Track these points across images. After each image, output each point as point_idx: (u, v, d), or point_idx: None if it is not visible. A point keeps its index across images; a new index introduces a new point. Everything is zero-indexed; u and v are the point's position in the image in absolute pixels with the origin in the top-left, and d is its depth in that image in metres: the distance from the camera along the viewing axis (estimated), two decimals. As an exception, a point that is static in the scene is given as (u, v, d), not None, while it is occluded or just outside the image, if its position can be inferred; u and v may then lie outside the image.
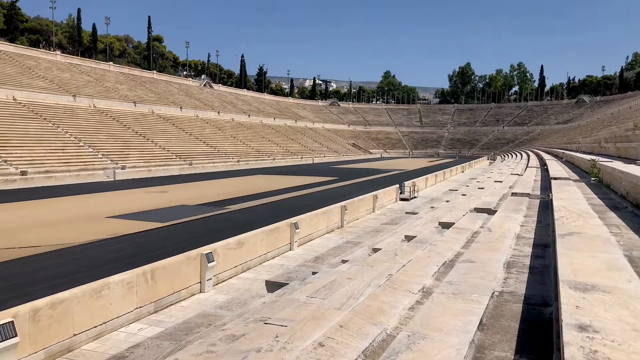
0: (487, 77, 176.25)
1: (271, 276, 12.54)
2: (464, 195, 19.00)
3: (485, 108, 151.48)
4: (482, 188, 19.87)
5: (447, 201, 18.64)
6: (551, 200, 9.31)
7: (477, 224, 9.41)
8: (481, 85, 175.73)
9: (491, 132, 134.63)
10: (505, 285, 4.61)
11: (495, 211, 10.42)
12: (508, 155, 78.68)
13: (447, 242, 7.67)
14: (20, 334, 7.86)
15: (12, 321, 7.77)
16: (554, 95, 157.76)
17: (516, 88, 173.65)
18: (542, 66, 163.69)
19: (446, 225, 10.53)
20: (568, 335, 2.49)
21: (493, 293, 4.24)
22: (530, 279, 4.79)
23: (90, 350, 9.16)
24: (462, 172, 60.16)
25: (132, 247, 17.05)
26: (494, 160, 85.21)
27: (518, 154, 67.01)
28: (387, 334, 3.80)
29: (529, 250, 6.22)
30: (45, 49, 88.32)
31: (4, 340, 7.54)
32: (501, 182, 21.37)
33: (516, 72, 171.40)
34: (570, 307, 2.86)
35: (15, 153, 41.70)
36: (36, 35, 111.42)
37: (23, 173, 38.51)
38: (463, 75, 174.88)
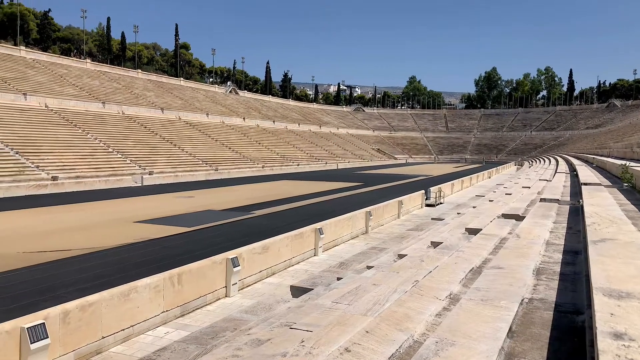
0: (514, 81, 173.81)
1: (296, 281, 12.54)
2: (491, 201, 18.74)
3: (512, 113, 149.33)
4: (510, 194, 19.56)
5: (474, 207, 18.41)
6: (582, 206, 9.11)
7: (505, 230, 9.25)
8: (508, 90, 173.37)
9: (518, 137, 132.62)
10: (535, 292, 4.52)
11: (524, 217, 10.23)
12: (536, 161, 77.34)
13: (474, 248, 7.56)
14: (51, 335, 8.01)
15: (44, 323, 7.92)
16: (584, 99, 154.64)
17: (544, 92, 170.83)
18: (571, 70, 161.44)
19: (473, 232, 10.38)
20: (603, 343, 2.42)
21: (522, 300, 4.15)
22: (561, 286, 4.68)
23: (118, 353, 9.28)
24: (489, 177, 59.36)
25: (159, 252, 17.27)
26: (522, 165, 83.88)
27: (546, 160, 65.81)
28: (414, 340, 3.75)
29: (559, 256, 6.08)
30: (76, 57, 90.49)
31: (36, 342, 7.69)
32: (529, 187, 21.00)
33: (544, 76, 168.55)
34: (605, 314, 2.78)
35: (47, 159, 42.74)
36: (67, 44, 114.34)
37: (54, 178, 39.42)
38: (489, 80, 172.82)
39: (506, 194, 20.05)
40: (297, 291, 10.62)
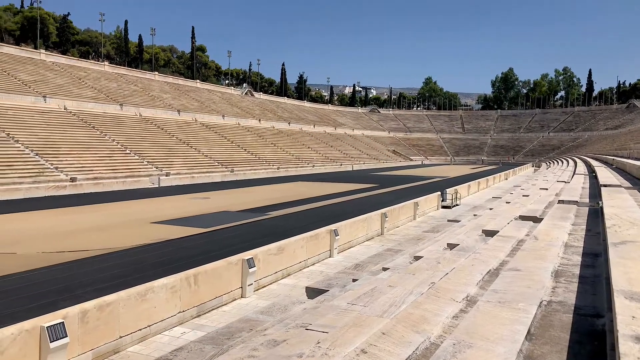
0: (531, 82, 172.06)
1: (311, 282, 12.54)
2: (508, 202, 18.54)
3: (530, 114, 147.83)
4: (527, 195, 19.33)
5: (491, 209, 18.23)
6: (601, 208, 8.97)
7: (523, 232, 9.14)
8: (525, 91, 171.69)
9: (536, 139, 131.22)
10: (553, 294, 4.45)
11: (541, 219, 10.11)
12: (554, 162, 76.46)
13: (491, 250, 7.48)
14: (70, 334, 8.11)
15: (63, 322, 8.03)
16: (603, 100, 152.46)
17: (562, 93, 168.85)
18: (589, 70, 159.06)
19: (490, 233, 10.28)
20: (625, 346, 2.38)
21: (541, 302, 4.10)
22: (580, 289, 4.61)
23: (135, 353, 9.36)
24: (506, 179, 58.82)
25: (175, 252, 17.41)
26: (539, 167, 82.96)
27: (564, 161, 65.01)
28: (431, 342, 3.72)
29: (578, 259, 5.99)
30: (95, 60, 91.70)
31: (56, 341, 7.80)
32: (547, 189, 20.75)
33: (562, 76, 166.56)
34: (626, 317, 2.73)
35: (66, 160, 43.35)
36: (86, 47, 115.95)
37: (73, 179, 39.97)
38: (506, 81, 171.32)
39: (523, 195, 19.82)
40: (313, 292, 10.62)
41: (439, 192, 32.63)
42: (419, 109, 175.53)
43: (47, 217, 25.67)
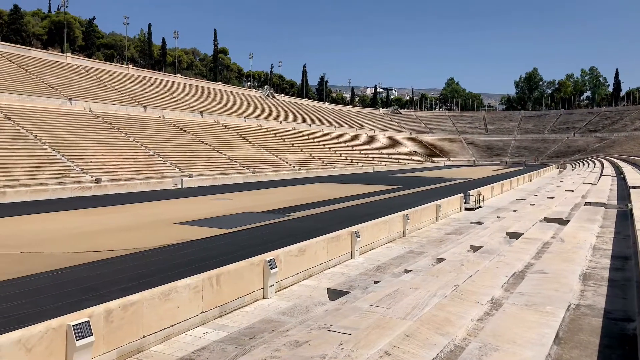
0: (556, 82, 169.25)
1: (333, 284, 12.51)
2: (533, 204, 18.25)
3: (554, 114, 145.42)
4: (552, 197, 19.01)
5: (515, 211, 17.97)
6: (631, 210, 8.76)
7: (548, 234, 8.98)
8: (549, 91, 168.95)
9: (561, 140, 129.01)
10: (582, 298, 4.36)
11: (568, 221, 9.92)
12: (579, 164, 75.05)
13: (516, 252, 7.37)
14: (95, 333, 8.21)
15: (88, 321, 8.13)
16: (631, 100, 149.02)
17: (588, 93, 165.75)
18: (617, 70, 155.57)
19: (514, 236, 10.13)
20: (658, 352, 2.30)
21: (569, 306, 4.01)
22: (609, 292, 4.50)
23: (159, 352, 9.44)
24: (530, 181, 57.92)
25: (198, 253, 17.55)
26: (564, 168, 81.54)
27: (590, 162, 63.77)
28: (455, 344, 3.67)
29: (607, 262, 5.85)
30: (119, 63, 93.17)
31: (81, 339, 7.90)
32: (572, 191, 20.38)
33: (588, 76, 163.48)
34: (659, 322, 2.66)
35: (91, 162, 44.09)
36: (111, 50, 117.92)
37: (97, 181, 40.64)
38: (530, 81, 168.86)
39: (548, 197, 19.50)
40: (334, 294, 10.59)
41: (462, 194, 32.28)
42: (441, 110, 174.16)
43: (72, 218, 26.13)
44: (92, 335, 8.11)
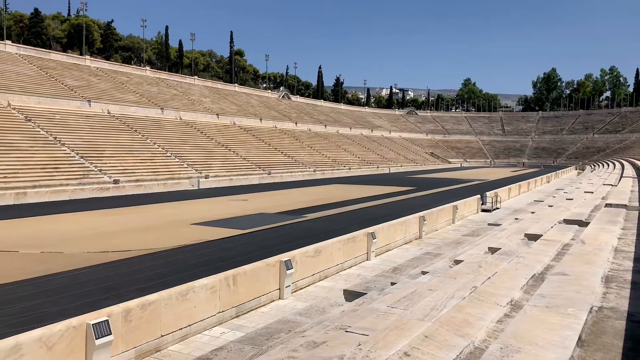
0: (575, 82, 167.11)
1: (349, 285, 12.50)
2: (551, 206, 18.03)
3: (573, 115, 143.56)
4: (571, 199, 18.77)
5: (533, 212, 17.77)
6: (652, 211, 8.61)
7: (568, 236, 8.86)
8: (568, 92, 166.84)
9: (579, 141, 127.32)
10: (604, 300, 4.29)
11: (588, 223, 9.78)
12: (598, 165, 73.98)
13: (535, 254, 7.28)
14: (113, 332, 8.30)
15: (107, 320, 8.23)
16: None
17: (608, 94, 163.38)
18: (637, 70, 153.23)
19: (533, 237, 10.01)
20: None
21: (591, 308, 3.95)
22: (633, 295, 4.42)
23: (176, 352, 9.51)
24: (548, 182, 57.26)
25: (215, 253, 17.65)
26: (583, 170, 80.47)
27: (610, 164, 62.81)
28: (475, 346, 3.64)
29: (629, 264, 5.76)
30: (136, 65, 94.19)
31: (101, 338, 8.00)
32: (592, 192, 20.09)
33: (607, 76, 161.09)
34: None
35: (109, 163, 44.61)
36: (128, 52, 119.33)
37: (116, 182, 41.10)
38: (548, 82, 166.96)
39: (567, 199, 19.25)
40: (351, 295, 10.58)
41: (479, 196, 32.02)
42: (457, 110, 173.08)
43: (91, 218, 26.46)
44: (111, 334, 8.20)
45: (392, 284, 9.88)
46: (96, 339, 7.94)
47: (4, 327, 9.95)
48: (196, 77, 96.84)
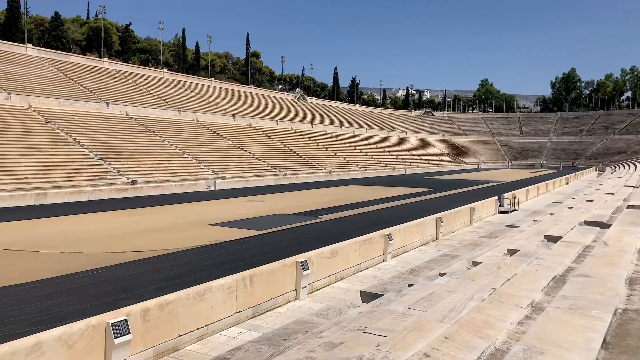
0: (595, 82, 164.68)
1: (365, 287, 12.44)
2: (571, 207, 17.78)
3: (593, 116, 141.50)
4: (591, 200, 18.49)
5: (552, 214, 17.54)
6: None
7: (589, 238, 8.72)
8: (587, 92, 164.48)
9: (599, 142, 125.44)
10: (629, 302, 4.20)
11: (610, 225, 9.62)
12: (619, 166, 72.82)
13: (555, 256, 7.18)
14: (132, 331, 8.37)
15: (126, 319, 8.30)
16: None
17: (629, 94, 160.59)
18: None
19: (553, 239, 9.87)
20: None
21: (616, 310, 3.87)
22: (658, 297, 4.33)
23: (194, 351, 9.56)
24: (567, 183, 56.52)
25: (231, 253, 17.72)
26: (603, 171, 79.30)
27: (631, 165, 61.79)
28: (496, 348, 3.59)
29: (653, 266, 5.65)
30: (154, 67, 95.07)
31: (120, 337, 8.07)
32: (613, 194, 19.77)
33: (629, 76, 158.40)
34: None
35: (127, 164, 45.10)
36: (146, 54, 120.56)
37: (134, 182, 41.53)
38: (567, 82, 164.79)
39: (587, 200, 18.97)
40: (367, 296, 10.52)
41: (496, 197, 31.72)
42: (474, 111, 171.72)
43: (110, 219, 26.76)
44: (129, 333, 8.27)
45: (409, 285, 9.81)
46: (115, 338, 8.02)
47: (25, 325, 10.10)
48: (213, 79, 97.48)
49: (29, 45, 67.81)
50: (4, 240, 19.81)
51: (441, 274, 9.70)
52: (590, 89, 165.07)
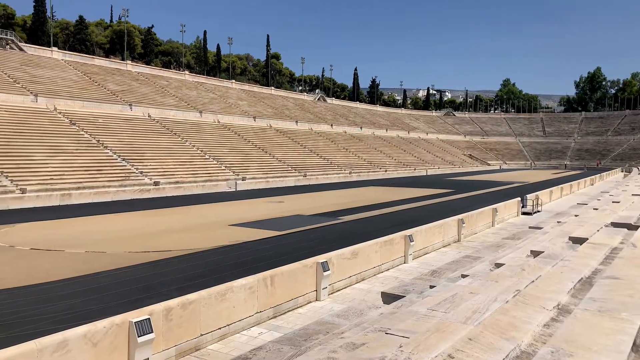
0: (620, 81, 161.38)
1: (386, 288, 12.36)
2: (596, 209, 17.46)
3: (619, 115, 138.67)
4: (618, 202, 18.13)
5: (576, 215, 17.24)
6: None
7: (616, 240, 8.54)
8: (613, 91, 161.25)
9: (625, 142, 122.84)
10: (659, 305, 4.10)
11: (638, 226, 9.41)
12: (646, 167, 71.18)
13: (581, 257, 7.04)
14: (155, 330, 8.46)
15: (149, 318, 8.39)
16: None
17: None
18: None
19: (578, 241, 9.69)
20: None
21: (646, 313, 3.78)
22: (690, 300, 4.21)
23: (215, 351, 9.62)
24: (592, 185, 55.50)
25: (252, 254, 17.80)
26: (630, 172, 77.67)
27: (658, 165, 60.36)
28: (522, 350, 3.53)
29: (684, 269, 5.49)
30: (175, 69, 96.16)
31: (143, 336, 8.16)
32: (640, 195, 19.35)
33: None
34: None
35: (150, 165, 45.66)
36: (168, 57, 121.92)
37: (156, 183, 42.03)
38: (592, 81, 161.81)
39: (613, 201, 18.60)
40: (388, 298, 10.46)
41: (519, 198, 31.29)
42: (496, 111, 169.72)
43: (133, 219, 27.11)
44: (152, 332, 8.35)
45: (431, 287, 9.72)
46: (138, 336, 8.11)
47: (51, 323, 10.29)
48: (233, 80, 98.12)
49: (55, 48, 69.12)
50: (30, 239, 20.23)
51: (463, 276, 9.60)
52: (616, 88, 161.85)
